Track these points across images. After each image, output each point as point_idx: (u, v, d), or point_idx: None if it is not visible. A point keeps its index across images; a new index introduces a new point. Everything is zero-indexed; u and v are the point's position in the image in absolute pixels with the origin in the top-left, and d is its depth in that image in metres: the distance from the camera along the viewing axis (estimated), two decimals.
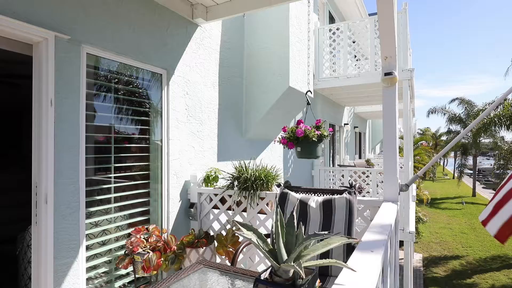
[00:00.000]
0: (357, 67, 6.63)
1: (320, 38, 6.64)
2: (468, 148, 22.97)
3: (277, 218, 1.06)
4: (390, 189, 2.44)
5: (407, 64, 5.93)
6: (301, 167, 6.23)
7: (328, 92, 7.38)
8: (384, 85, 2.51)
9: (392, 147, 2.45)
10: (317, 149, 3.42)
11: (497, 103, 2.38)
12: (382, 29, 2.38)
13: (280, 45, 4.14)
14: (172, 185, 3.12)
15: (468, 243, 12.76)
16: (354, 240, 1.09)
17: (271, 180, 2.96)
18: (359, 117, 12.49)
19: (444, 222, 15.99)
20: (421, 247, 12.25)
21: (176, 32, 3.18)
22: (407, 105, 5.94)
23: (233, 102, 4.19)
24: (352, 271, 1.08)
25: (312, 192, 2.30)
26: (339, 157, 9.26)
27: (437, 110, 23.67)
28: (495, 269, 10.29)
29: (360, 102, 9.44)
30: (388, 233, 1.68)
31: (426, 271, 10.15)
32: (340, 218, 2.02)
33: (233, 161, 3.44)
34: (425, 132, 37.67)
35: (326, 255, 1.94)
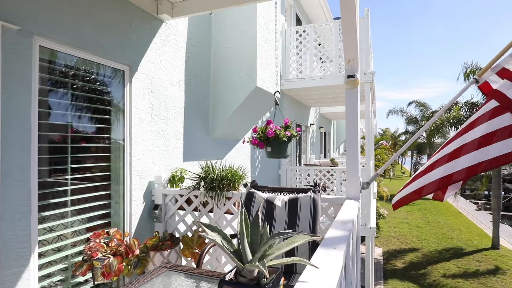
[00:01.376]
0: (323, 69, 6.82)
1: (287, 39, 6.75)
2: (423, 147, 24.66)
3: (241, 218, 1.06)
4: (352, 187, 2.53)
5: (369, 67, 6.21)
6: (269, 167, 6.29)
7: (295, 93, 7.52)
8: (347, 87, 2.61)
9: (354, 146, 2.55)
10: (287, 148, 3.47)
11: (446, 106, 2.56)
12: (345, 34, 2.46)
13: (248, 44, 4.14)
14: (135, 187, 3.00)
15: (423, 236, 13.66)
16: (317, 238, 1.11)
17: (238, 180, 2.96)
18: (324, 118, 12.88)
19: (402, 217, 16.99)
20: (381, 241, 12.91)
21: (140, 28, 3.06)
22: (369, 106, 6.22)
23: (200, 101, 4.12)
24: (315, 268, 1.11)
25: (278, 191, 2.33)
26: (305, 157, 9.47)
27: (396, 111, 25.15)
28: (446, 259, 11.12)
29: (325, 103, 9.73)
30: (349, 229, 1.74)
31: (386, 264, 10.72)
32: (305, 216, 2.06)
33: (199, 161, 3.38)
34: (385, 132, 39.78)
35: (291, 253, 1.97)
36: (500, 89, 2.23)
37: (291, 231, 1.14)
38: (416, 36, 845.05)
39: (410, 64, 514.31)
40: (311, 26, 6.66)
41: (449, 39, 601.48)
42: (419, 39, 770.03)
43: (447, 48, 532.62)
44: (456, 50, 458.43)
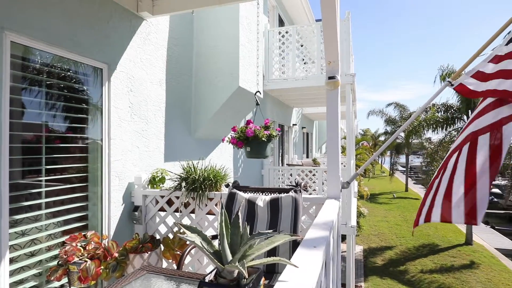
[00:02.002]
0: (305, 70, 6.90)
1: (270, 40, 6.78)
2: (402, 147, 25.42)
3: (222, 219, 1.05)
4: (333, 186, 2.57)
5: (350, 69, 6.33)
6: (251, 167, 6.29)
7: (278, 93, 7.56)
8: (327, 88, 2.65)
9: (335, 146, 2.59)
10: (266, 149, 3.47)
11: (423, 108, 2.64)
12: (326, 36, 2.50)
13: (230, 44, 4.13)
14: (114, 188, 2.92)
15: (402, 234, 14.06)
16: (297, 237, 1.12)
17: (220, 180, 2.94)
18: (306, 118, 13.03)
19: (381, 216, 17.42)
20: (362, 239, 13.19)
21: (119, 25, 2.99)
22: (350, 107, 6.34)
23: (182, 101, 4.07)
24: (295, 267, 1.12)
25: (260, 191, 2.34)
26: (288, 157, 9.55)
27: (376, 112, 25.77)
28: (423, 255, 11.50)
29: (307, 103, 9.84)
30: (330, 228, 1.77)
31: (366, 261, 10.95)
32: (286, 216, 2.07)
33: (181, 162, 3.34)
34: (366, 132, 40.72)
35: (273, 252, 1.98)
36: (475, 89, 2.32)
37: (271, 231, 1.14)
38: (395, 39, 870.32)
39: (390, 67, 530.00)
40: (294, 28, 6.72)
41: (426, 42, 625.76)
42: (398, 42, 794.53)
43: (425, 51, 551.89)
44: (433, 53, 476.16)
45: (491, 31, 3.50)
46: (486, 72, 2.29)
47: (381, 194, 25.13)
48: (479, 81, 2.33)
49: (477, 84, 2.33)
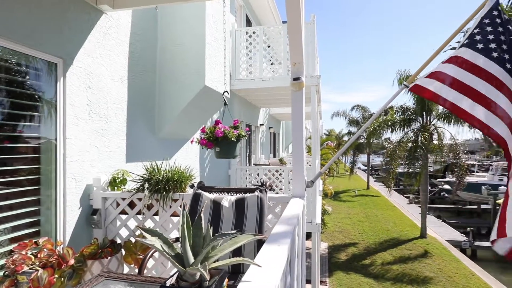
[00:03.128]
0: (272, 71, 6.97)
1: (237, 40, 6.77)
2: (363, 147, 26.64)
3: (183, 221, 1.03)
4: (297, 185, 2.62)
5: (315, 71, 6.50)
6: (218, 167, 6.24)
7: (245, 93, 7.57)
8: (292, 89, 2.69)
9: (299, 146, 2.64)
10: (235, 149, 3.46)
11: (381, 110, 2.78)
12: (291, 38, 2.53)
13: (196, 42, 4.06)
14: (70, 191, 2.75)
15: (364, 230, 14.72)
16: (260, 237, 1.12)
17: (185, 181, 2.88)
18: (274, 118, 13.19)
19: (345, 213, 18.11)
20: (326, 236, 13.61)
21: (76, 18, 2.82)
22: (315, 108, 6.51)
23: (145, 99, 3.93)
24: (258, 267, 1.12)
25: (226, 191, 2.32)
26: (255, 156, 9.60)
27: (340, 113, 26.77)
28: (383, 249, 12.13)
29: (274, 104, 9.96)
30: (294, 226, 1.80)
31: (330, 257, 11.32)
32: (252, 215, 2.08)
33: (144, 162, 3.22)
34: (331, 133, 42.12)
35: (238, 252, 1.97)
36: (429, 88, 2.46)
37: (235, 231, 1.13)
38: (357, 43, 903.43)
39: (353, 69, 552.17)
40: (261, 28, 6.77)
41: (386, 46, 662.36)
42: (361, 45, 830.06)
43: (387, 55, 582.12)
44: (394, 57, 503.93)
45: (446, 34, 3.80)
46: (441, 72, 2.43)
47: (345, 192, 26.14)
48: (433, 80, 2.47)
49: (430, 83, 2.48)
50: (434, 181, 26.36)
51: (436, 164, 15.56)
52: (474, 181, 21.93)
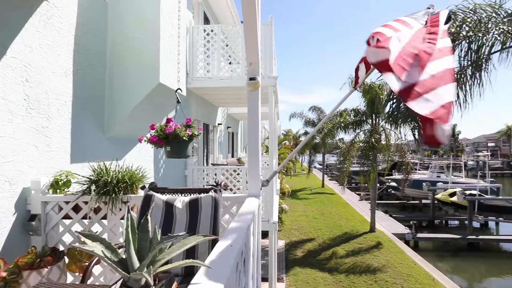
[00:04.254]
0: (230, 70, 6.94)
1: (195, 37, 6.63)
2: (319, 147, 27.73)
3: (127, 224, 0.97)
4: (253, 185, 2.64)
5: (272, 72, 6.60)
6: (174, 167, 6.06)
7: (202, 92, 7.45)
8: (248, 89, 2.70)
9: (255, 146, 2.66)
10: (187, 148, 3.38)
11: (332, 112, 2.90)
12: (247, 37, 2.53)
13: (150, 38, 3.90)
14: (3, 195, 2.47)
15: (319, 227, 15.30)
16: (210, 238, 1.10)
17: (137, 182, 2.75)
18: (232, 118, 13.16)
19: (301, 210, 18.68)
20: (284, 234, 13.91)
21: (10, 3, 2.54)
22: (272, 108, 6.61)
23: (93, 95, 3.68)
24: (209, 268, 1.10)
25: (179, 192, 2.25)
26: (213, 156, 9.49)
27: (297, 114, 27.57)
28: (337, 245, 12.72)
29: (233, 103, 9.94)
30: (248, 226, 1.80)
31: (288, 255, 11.59)
32: (206, 216, 2.04)
33: (91, 163, 3.00)
34: (288, 133, 43.20)
35: (192, 254, 1.93)
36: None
37: (184, 233, 1.10)
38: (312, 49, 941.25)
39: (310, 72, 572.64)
40: (219, 27, 6.70)
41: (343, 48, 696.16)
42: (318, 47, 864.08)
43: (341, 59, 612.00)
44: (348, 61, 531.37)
45: None
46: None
47: (301, 190, 26.97)
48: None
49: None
50: (382, 179, 28.26)
51: (384, 162, 16.65)
52: (416, 178, 23.88)
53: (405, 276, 9.70)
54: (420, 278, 9.64)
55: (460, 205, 19.33)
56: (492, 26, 5.59)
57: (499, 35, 5.57)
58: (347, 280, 9.48)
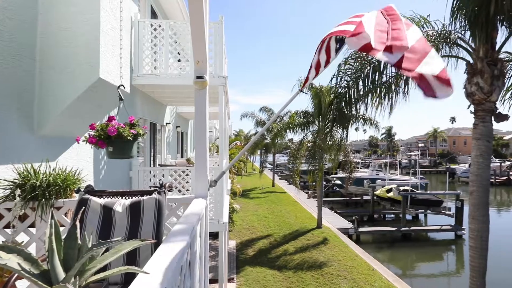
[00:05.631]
0: (179, 68, 6.74)
1: (141, 32, 6.31)
2: (270, 147, 28.31)
3: (50, 232, 0.88)
4: (200, 185, 2.58)
5: (223, 71, 6.56)
6: (117, 169, 5.69)
7: (149, 89, 7.12)
8: (196, 87, 2.64)
9: (202, 145, 2.61)
10: (132, 148, 3.20)
11: (279, 112, 2.97)
12: (194, 35, 2.48)
13: (89, 29, 3.60)
14: None
15: (269, 225, 15.60)
16: (147, 242, 1.05)
17: (72, 185, 2.52)
18: (181, 117, 12.79)
19: (252, 210, 18.87)
20: (235, 234, 13.92)
21: None
22: (223, 108, 6.57)
23: (20, 89, 3.29)
24: (146, 274, 1.04)
25: (120, 195, 2.11)
26: (161, 157, 9.13)
27: (248, 114, 27.85)
28: (286, 242, 13.09)
29: (182, 102, 9.67)
30: (193, 228, 1.75)
31: (239, 255, 11.62)
32: (148, 219, 1.94)
33: (17, 165, 2.67)
34: (240, 133, 43.41)
35: (132, 260, 1.82)
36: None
37: (118, 238, 1.02)
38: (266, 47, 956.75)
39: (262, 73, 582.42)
40: (167, 22, 6.47)
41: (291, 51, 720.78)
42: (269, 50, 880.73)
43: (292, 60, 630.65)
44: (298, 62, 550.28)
45: None
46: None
47: (252, 190, 27.27)
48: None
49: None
50: (328, 177, 29.81)
51: (331, 162, 17.59)
52: (358, 176, 25.63)
53: (348, 268, 10.34)
54: (361, 269, 10.35)
55: (395, 200, 21.21)
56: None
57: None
58: (295, 276, 9.80)
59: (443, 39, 6.40)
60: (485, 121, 6.00)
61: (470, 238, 6.23)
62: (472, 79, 6.00)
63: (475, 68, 5.99)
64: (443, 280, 13.65)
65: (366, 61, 6.62)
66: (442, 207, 20.63)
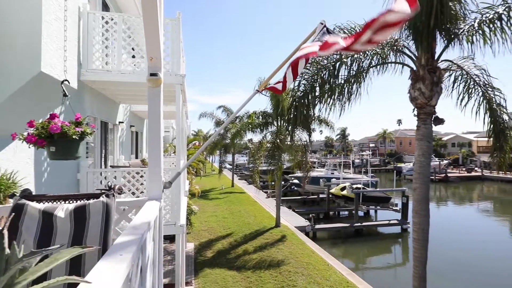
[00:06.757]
0: (134, 64, 6.42)
1: (91, 24, 5.90)
2: (229, 147, 28.22)
3: None
4: (154, 187, 2.48)
5: (180, 69, 6.38)
6: (63, 171, 5.25)
7: (100, 86, 6.69)
8: (149, 85, 2.53)
9: (156, 146, 2.51)
10: (78, 148, 2.98)
11: (236, 112, 2.97)
12: (147, 30, 2.37)
13: (29, 18, 3.28)
14: None
15: (228, 226, 15.53)
16: (90, 249, 0.97)
17: (5, 190, 2.27)
18: (136, 116, 12.21)
19: (211, 211, 18.65)
20: (193, 236, 13.64)
21: None
22: (180, 107, 6.39)
23: None
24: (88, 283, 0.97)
25: (63, 199, 1.95)
26: (113, 158, 8.63)
27: (207, 114, 27.50)
28: (245, 242, 13.13)
29: (137, 100, 9.24)
30: (144, 232, 1.67)
31: (197, 257, 11.40)
32: (95, 225, 1.81)
33: None
34: (199, 133, 42.67)
35: (76, 269, 1.68)
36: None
37: (56, 246, 0.94)
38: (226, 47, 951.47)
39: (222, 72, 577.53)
40: (120, 16, 6.13)
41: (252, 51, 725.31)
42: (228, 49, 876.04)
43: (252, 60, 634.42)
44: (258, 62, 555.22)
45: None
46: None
47: (211, 191, 26.97)
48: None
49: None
50: (286, 177, 30.51)
51: (289, 161, 18.00)
52: (314, 175, 26.57)
53: (305, 265, 10.66)
54: (317, 265, 10.73)
55: (349, 197, 22.36)
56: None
57: (373, 56, 6.79)
58: (254, 275, 9.87)
59: (391, 47, 6.88)
60: (426, 124, 6.56)
61: (413, 231, 6.77)
62: (415, 85, 6.53)
63: (418, 75, 6.52)
64: (391, 271, 14.68)
65: (322, 65, 6.88)
66: (390, 203, 22.21)
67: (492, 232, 20.05)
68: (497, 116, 6.67)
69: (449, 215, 25.17)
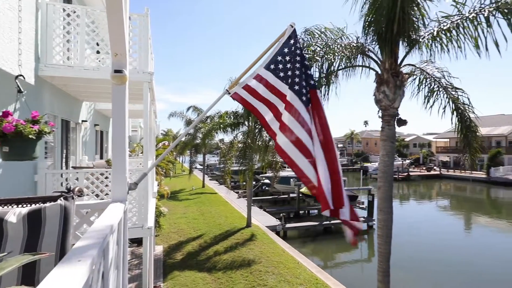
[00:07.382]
0: (98, 60, 6.13)
1: (50, 16, 5.55)
2: (200, 147, 27.83)
3: None
4: (118, 189, 2.38)
5: (148, 67, 6.19)
6: (18, 172, 4.87)
7: (61, 82, 6.32)
8: (113, 82, 2.42)
9: (121, 146, 2.41)
10: (35, 148, 2.78)
11: (205, 112, 2.92)
12: (111, 25, 2.27)
13: None
14: None
15: (199, 227, 15.29)
16: (41, 256, 0.90)
17: None
18: (101, 114, 11.67)
19: (181, 212, 18.26)
20: (162, 239, 13.27)
21: None
22: (148, 106, 6.20)
23: None
24: None
25: (15, 203, 1.80)
26: (76, 158, 8.18)
27: (177, 114, 26.92)
28: (216, 243, 12.99)
29: (101, 98, 8.84)
30: (106, 236, 1.59)
31: (166, 260, 11.10)
32: (51, 230, 1.70)
33: None
34: (168, 133, 41.67)
35: (29, 277, 1.56)
36: (246, 98, 2.88)
37: (3, 254, 0.86)
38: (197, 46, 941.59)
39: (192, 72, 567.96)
40: (84, 9, 5.83)
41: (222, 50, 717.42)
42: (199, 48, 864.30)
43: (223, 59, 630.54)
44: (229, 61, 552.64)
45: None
46: (251, 87, 2.86)
47: (181, 192, 26.44)
48: (248, 93, 2.88)
49: (246, 95, 2.88)
50: (257, 177, 30.64)
51: (260, 162, 18.09)
52: (285, 175, 26.92)
53: (275, 264, 10.75)
54: (288, 263, 10.87)
55: None
56: (337, 49, 6.94)
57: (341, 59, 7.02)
58: (225, 276, 9.80)
59: (358, 50, 7.14)
60: (390, 125, 6.88)
61: (378, 228, 7.07)
62: (380, 88, 6.83)
63: (382, 78, 6.82)
64: (357, 266, 15.24)
65: None
66: (357, 201, 23.04)
67: (449, 226, 21.51)
68: (463, 115, 7.02)
69: (411, 212, 26.63)
